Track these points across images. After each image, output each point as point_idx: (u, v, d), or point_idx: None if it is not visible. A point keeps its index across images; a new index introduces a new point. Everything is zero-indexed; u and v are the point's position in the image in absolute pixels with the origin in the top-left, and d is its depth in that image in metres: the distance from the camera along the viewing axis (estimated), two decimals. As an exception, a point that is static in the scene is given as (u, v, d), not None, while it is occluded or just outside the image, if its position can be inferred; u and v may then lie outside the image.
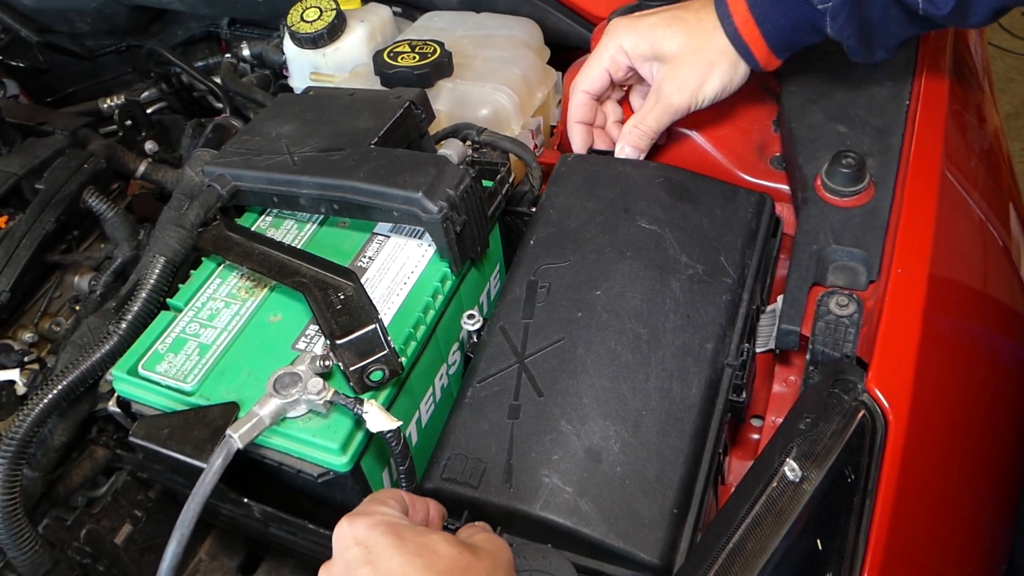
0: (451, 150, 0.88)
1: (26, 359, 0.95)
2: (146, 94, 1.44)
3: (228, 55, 1.39)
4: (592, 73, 0.94)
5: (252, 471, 0.73)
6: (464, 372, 0.83)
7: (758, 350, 0.85)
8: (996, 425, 0.86)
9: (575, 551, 0.69)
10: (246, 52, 1.36)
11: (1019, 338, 0.95)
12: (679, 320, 0.78)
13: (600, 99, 0.97)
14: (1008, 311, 1.00)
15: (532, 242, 0.86)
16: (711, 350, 0.76)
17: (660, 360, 0.75)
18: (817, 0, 0.80)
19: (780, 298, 0.80)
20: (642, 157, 0.94)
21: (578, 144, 0.98)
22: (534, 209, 0.95)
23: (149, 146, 1.22)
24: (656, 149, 0.97)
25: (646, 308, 0.78)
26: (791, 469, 0.66)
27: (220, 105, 1.28)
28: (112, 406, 0.80)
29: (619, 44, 0.91)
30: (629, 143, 0.93)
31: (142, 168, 1.11)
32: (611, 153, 0.96)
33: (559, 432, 0.72)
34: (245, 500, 0.76)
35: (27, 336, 0.97)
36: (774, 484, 0.66)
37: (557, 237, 0.86)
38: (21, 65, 1.45)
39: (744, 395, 0.76)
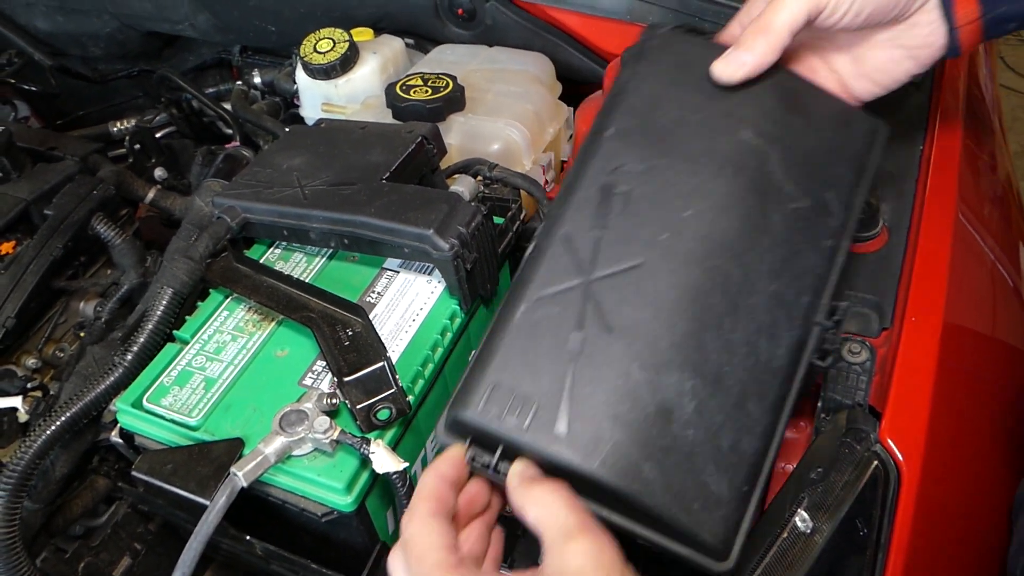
0: (463, 187, 0.88)
1: (29, 385, 0.94)
2: (155, 119, 1.44)
3: (239, 82, 1.39)
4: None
5: (255, 508, 0.72)
6: (512, 280, 0.68)
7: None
8: (1012, 475, 0.85)
9: (626, 515, 0.59)
10: (257, 80, 1.37)
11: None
12: (776, 263, 0.65)
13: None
14: (1020, 354, 0.99)
15: (611, 132, 0.70)
16: (806, 305, 0.65)
17: (750, 309, 0.63)
18: None
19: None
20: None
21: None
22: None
23: (158, 173, 1.22)
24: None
25: (741, 243, 0.65)
26: (802, 520, 0.65)
27: (230, 131, 1.28)
28: (114, 437, 0.79)
29: None
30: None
31: (151, 195, 1.11)
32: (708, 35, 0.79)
33: (629, 378, 0.59)
34: (247, 537, 0.75)
35: (31, 362, 0.96)
36: (785, 535, 0.65)
37: (642, 131, 0.70)
38: (33, 89, 1.46)
39: (829, 360, 0.66)
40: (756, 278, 0.64)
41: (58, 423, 0.76)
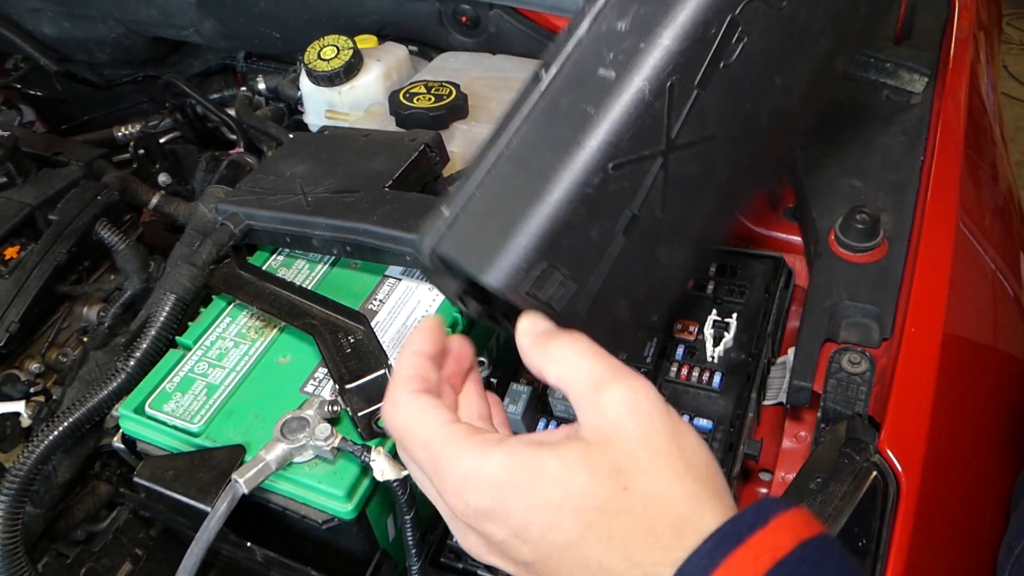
0: (465, 195, 0.88)
1: (32, 390, 0.95)
2: (161, 124, 1.45)
3: (243, 88, 1.40)
4: None
5: (256, 514, 0.72)
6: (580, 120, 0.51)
7: (768, 402, 0.84)
8: (1011, 486, 0.85)
9: None
10: (261, 86, 1.37)
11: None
12: (774, 153, 0.62)
13: None
14: (1020, 364, 0.99)
15: None
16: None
17: (734, 194, 0.59)
18: None
19: (791, 351, 0.80)
20: None
21: None
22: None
23: (162, 179, 1.23)
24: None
25: (777, 127, 0.59)
26: (801, 530, 0.65)
27: (234, 137, 1.29)
28: (117, 442, 0.80)
29: None
30: None
31: (155, 200, 1.11)
32: None
33: (653, 277, 0.55)
34: (248, 544, 0.75)
35: (34, 367, 0.96)
36: (784, 545, 0.65)
37: None
38: (39, 93, 1.47)
39: None
40: (763, 163, 0.60)
41: (61, 428, 0.76)
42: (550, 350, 0.50)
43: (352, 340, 0.75)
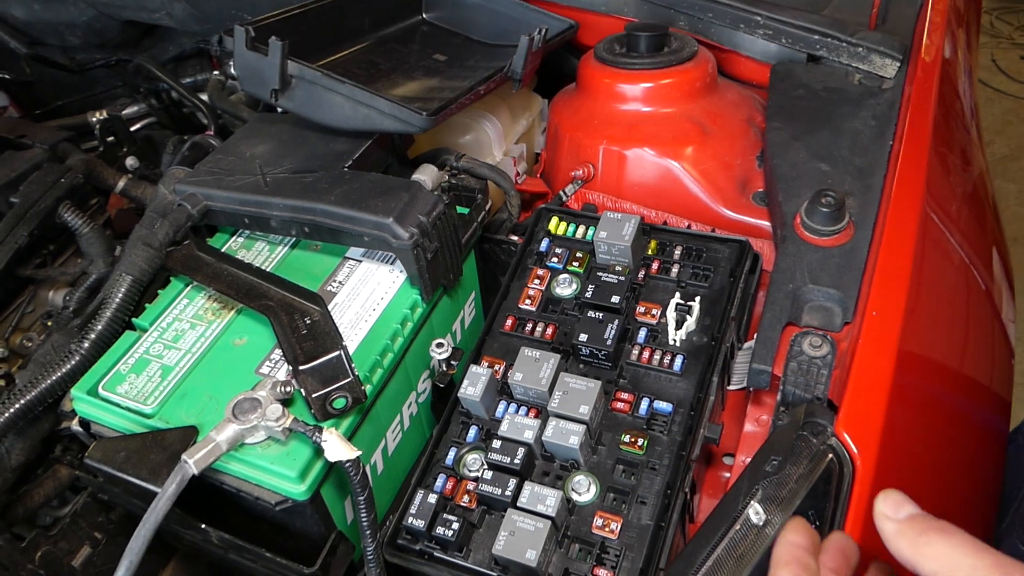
0: (425, 176, 0.87)
1: (-6, 374, 0.93)
2: (135, 109, 1.44)
3: (216, 72, 1.38)
4: None
5: (213, 496, 0.71)
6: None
7: (732, 387, 0.83)
8: (970, 473, 0.84)
9: None
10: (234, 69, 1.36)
11: (997, 383, 0.94)
12: None
13: None
14: (986, 356, 0.99)
15: None
16: None
17: None
18: None
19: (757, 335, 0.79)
20: None
21: None
22: (513, 237, 0.94)
23: (130, 162, 1.21)
24: (636, 183, 0.97)
25: None
26: (755, 512, 0.65)
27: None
28: (75, 425, 0.79)
29: None
30: None
31: (121, 184, 1.10)
32: None
33: None
34: (203, 526, 0.74)
35: (-3, 351, 0.95)
36: (737, 527, 0.64)
37: None
38: (7, 77, 1.45)
39: None
40: None
41: (10, 411, 0.75)
42: (922, 545, 0.47)
43: (308, 321, 0.74)
